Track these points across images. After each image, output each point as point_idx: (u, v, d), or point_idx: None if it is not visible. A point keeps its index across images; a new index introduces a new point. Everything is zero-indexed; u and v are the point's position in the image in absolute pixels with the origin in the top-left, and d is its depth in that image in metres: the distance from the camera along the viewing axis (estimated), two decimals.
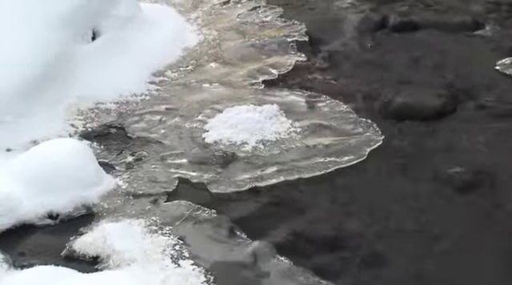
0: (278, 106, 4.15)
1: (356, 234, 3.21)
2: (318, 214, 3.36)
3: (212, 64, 4.82)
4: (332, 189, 3.55)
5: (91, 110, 4.19)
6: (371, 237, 3.19)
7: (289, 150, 3.82)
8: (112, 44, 4.68)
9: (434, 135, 3.91)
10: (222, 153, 3.81)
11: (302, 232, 3.24)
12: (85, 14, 4.58)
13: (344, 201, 3.46)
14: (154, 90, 4.48)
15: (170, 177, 3.64)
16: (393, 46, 4.92)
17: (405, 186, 3.52)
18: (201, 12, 5.61)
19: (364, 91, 4.36)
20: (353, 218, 3.32)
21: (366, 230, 3.23)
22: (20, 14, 4.28)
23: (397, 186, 3.54)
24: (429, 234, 3.19)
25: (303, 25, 5.25)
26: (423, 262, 3.03)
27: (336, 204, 3.44)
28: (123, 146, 3.89)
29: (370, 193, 3.49)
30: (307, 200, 3.46)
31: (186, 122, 4.11)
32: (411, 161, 3.71)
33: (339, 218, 3.33)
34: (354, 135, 3.93)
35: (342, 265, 3.04)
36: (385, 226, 3.26)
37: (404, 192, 3.48)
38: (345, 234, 3.22)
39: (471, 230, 3.21)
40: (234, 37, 5.19)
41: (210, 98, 4.35)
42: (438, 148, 3.80)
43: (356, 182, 3.58)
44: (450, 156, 3.72)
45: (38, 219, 3.29)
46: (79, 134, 3.96)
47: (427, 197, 3.43)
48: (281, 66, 4.73)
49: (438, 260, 3.03)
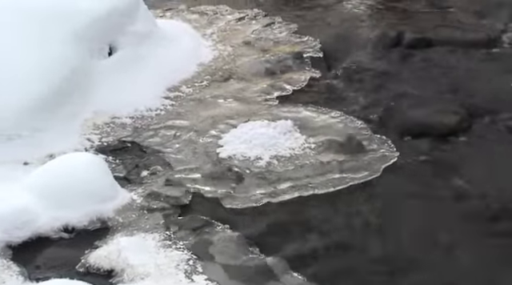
0: (292, 121, 4.17)
1: (369, 251, 3.20)
2: (332, 231, 3.35)
3: (227, 79, 4.84)
4: (346, 205, 3.54)
5: (107, 124, 4.23)
6: (384, 253, 3.18)
7: (303, 166, 3.82)
8: (128, 59, 4.72)
9: (450, 152, 3.91)
10: (235, 168, 3.82)
11: (316, 248, 3.24)
12: (102, 30, 4.64)
13: (358, 217, 3.45)
14: (169, 105, 4.51)
15: (184, 191, 3.65)
16: (408, 63, 4.93)
17: (420, 204, 3.51)
18: (216, 28, 5.66)
19: (379, 108, 4.37)
20: (366, 234, 3.32)
21: (379, 247, 3.22)
22: (38, 29, 4.33)
23: (411, 203, 3.53)
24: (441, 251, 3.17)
25: (318, 41, 5.28)
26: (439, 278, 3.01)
27: (350, 220, 3.43)
28: (138, 161, 3.92)
29: (384, 210, 3.48)
30: (321, 216, 3.46)
31: (201, 137, 4.13)
32: (426, 178, 3.70)
33: (352, 234, 3.33)
34: (369, 152, 3.93)
35: (354, 281, 3.03)
36: (398, 243, 3.25)
37: (419, 210, 3.46)
38: (358, 250, 3.21)
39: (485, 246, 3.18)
40: (248, 53, 5.22)
41: (224, 114, 4.37)
42: (453, 165, 3.79)
43: (370, 198, 3.58)
44: (465, 173, 3.71)
45: (54, 233, 3.32)
46: (95, 149, 3.99)
47: (442, 215, 3.42)
48: (295, 82, 4.75)
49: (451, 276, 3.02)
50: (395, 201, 3.55)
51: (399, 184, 3.68)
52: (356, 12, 5.96)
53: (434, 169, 3.78)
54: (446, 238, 3.26)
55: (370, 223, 3.40)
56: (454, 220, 3.38)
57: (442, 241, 3.25)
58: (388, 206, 3.51)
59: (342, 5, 6.08)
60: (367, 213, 3.48)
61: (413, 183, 3.68)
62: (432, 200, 3.53)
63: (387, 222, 3.39)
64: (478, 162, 3.81)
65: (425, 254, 3.17)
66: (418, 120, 4.18)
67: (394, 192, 3.62)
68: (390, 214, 3.45)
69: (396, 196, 3.59)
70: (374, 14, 5.97)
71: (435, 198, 3.55)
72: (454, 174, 3.72)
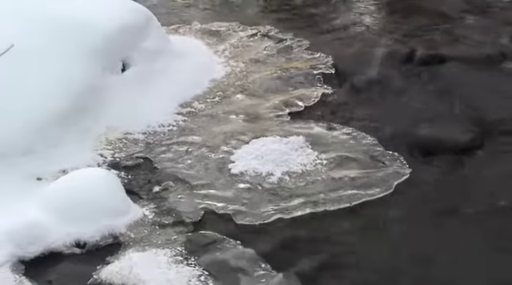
0: (303, 137, 4.17)
1: (381, 268, 3.18)
2: (344, 247, 3.34)
3: (239, 96, 4.86)
4: (358, 222, 3.53)
5: (119, 140, 4.25)
6: (397, 270, 3.16)
7: (315, 182, 3.82)
8: (141, 75, 4.76)
9: (462, 170, 3.89)
10: (247, 184, 3.82)
11: (327, 264, 3.22)
12: (115, 47, 4.68)
13: (370, 234, 3.43)
14: (181, 120, 4.53)
15: (196, 207, 3.65)
16: (420, 80, 4.92)
17: (432, 221, 3.49)
18: (228, 44, 5.69)
19: (391, 124, 4.36)
20: (378, 251, 3.30)
21: (392, 264, 3.20)
22: (52, 45, 4.37)
23: (424, 220, 3.50)
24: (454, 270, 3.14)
25: (330, 57, 5.29)
26: None
27: (362, 237, 3.42)
28: (150, 176, 3.93)
29: (397, 227, 3.47)
30: (333, 232, 3.45)
31: (213, 153, 4.14)
32: (439, 195, 3.68)
33: (365, 251, 3.31)
34: (381, 168, 3.92)
35: None
36: (411, 260, 3.23)
37: (431, 227, 3.44)
38: (370, 267, 3.19)
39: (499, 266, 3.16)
40: (260, 69, 5.24)
41: (236, 130, 4.38)
42: (466, 183, 3.77)
43: (382, 215, 3.56)
44: (477, 191, 3.69)
45: (66, 248, 3.33)
46: (107, 164, 4.00)
47: (454, 234, 3.39)
48: (307, 98, 4.76)
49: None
50: (408, 218, 3.53)
51: (412, 201, 3.66)
52: (368, 28, 5.98)
53: (447, 186, 3.76)
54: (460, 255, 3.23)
55: (382, 240, 3.38)
56: (468, 237, 3.35)
57: (456, 259, 3.22)
58: (400, 223, 3.49)
59: (354, 22, 6.10)
60: (379, 230, 3.46)
61: (425, 200, 3.66)
62: (445, 217, 3.51)
63: (399, 239, 3.37)
64: (491, 180, 3.78)
65: (439, 264, 3.15)
66: (430, 137, 4.17)
67: (406, 209, 3.60)
68: (402, 230, 3.43)
69: (408, 213, 3.57)
70: (385, 30, 5.99)
71: (448, 215, 3.52)
72: (467, 191, 3.69)
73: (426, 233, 3.40)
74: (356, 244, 3.37)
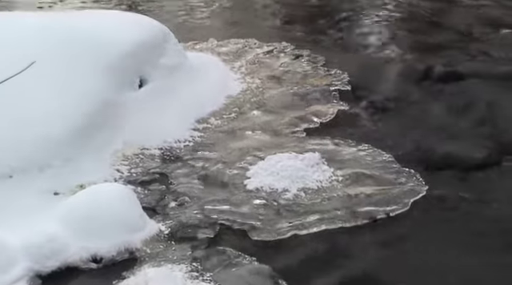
0: (319, 154, 4.17)
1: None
2: (359, 264, 3.32)
3: (255, 112, 4.88)
4: (374, 239, 3.51)
5: (136, 155, 4.27)
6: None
7: (330, 199, 3.81)
8: (158, 91, 4.79)
9: (479, 187, 3.86)
10: (263, 200, 3.82)
11: (343, 281, 3.20)
12: (133, 63, 4.73)
13: (385, 252, 3.41)
14: (198, 136, 4.55)
15: (212, 223, 3.65)
16: (437, 96, 4.91)
17: (448, 240, 3.46)
18: (244, 61, 5.72)
19: (407, 141, 4.35)
20: (393, 270, 3.28)
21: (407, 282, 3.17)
22: (71, 61, 4.42)
23: (440, 239, 3.48)
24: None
25: (346, 74, 5.30)
26: None
27: (377, 255, 3.40)
28: (166, 192, 3.94)
29: (412, 245, 3.44)
30: (348, 249, 3.43)
31: (228, 169, 4.14)
32: (455, 213, 3.66)
33: (380, 268, 3.29)
34: (397, 185, 3.90)
35: None
36: (427, 279, 3.20)
37: (447, 246, 3.41)
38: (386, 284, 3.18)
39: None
40: (276, 85, 5.27)
41: (252, 146, 4.39)
42: (483, 200, 3.74)
43: (398, 233, 3.54)
44: (495, 209, 3.66)
45: (82, 263, 3.34)
46: (124, 179, 4.02)
47: (471, 253, 3.36)
48: (323, 115, 4.77)
49: None
50: (424, 235, 3.51)
51: (428, 218, 3.64)
52: (385, 45, 5.99)
53: (464, 203, 3.74)
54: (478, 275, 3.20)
55: (398, 258, 3.36)
56: (484, 256, 3.32)
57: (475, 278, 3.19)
58: (417, 241, 3.47)
59: (371, 38, 6.12)
60: (396, 247, 3.43)
61: (442, 218, 3.63)
62: (462, 235, 3.48)
63: (416, 257, 3.35)
64: (509, 197, 3.75)
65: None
66: (447, 154, 4.15)
67: (422, 226, 3.58)
68: (418, 248, 3.41)
69: (425, 231, 3.55)
70: (402, 46, 5.99)
71: (465, 234, 3.49)
72: (484, 209, 3.67)
73: (443, 250, 3.37)
74: (372, 261, 3.34)
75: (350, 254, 3.39)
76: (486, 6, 6.90)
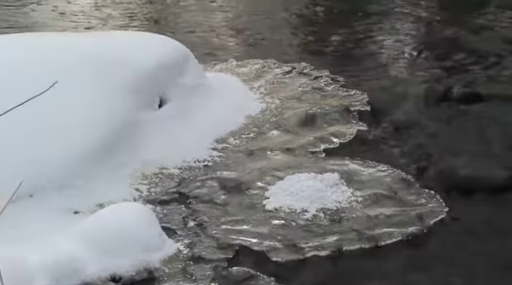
0: (338, 174, 4.16)
1: None
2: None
3: (274, 132, 4.88)
4: (393, 260, 3.48)
5: (155, 174, 4.28)
6: None
7: (350, 220, 3.79)
8: (177, 111, 4.82)
9: (501, 209, 3.82)
10: (282, 220, 3.81)
11: None
12: (153, 83, 4.77)
13: (406, 273, 3.38)
14: (217, 156, 4.55)
15: (231, 243, 3.65)
16: (457, 118, 4.89)
17: (470, 263, 3.42)
18: (264, 81, 5.74)
19: (427, 162, 4.33)
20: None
21: None
22: (92, 80, 4.47)
23: (460, 261, 3.44)
24: None
25: (365, 94, 5.30)
26: None
27: (397, 277, 3.37)
28: (185, 211, 3.94)
29: (432, 267, 3.41)
30: (367, 271, 3.41)
31: (247, 189, 4.14)
32: (476, 236, 3.62)
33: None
34: (417, 206, 3.87)
35: None
36: None
37: (469, 269, 3.37)
38: None
39: None
40: (295, 105, 5.27)
41: (271, 166, 4.39)
42: (505, 224, 3.69)
43: (418, 255, 3.51)
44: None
45: (101, 282, 3.34)
46: (143, 199, 4.03)
47: (492, 277, 3.31)
48: (342, 135, 4.76)
49: None
50: (444, 258, 3.47)
51: (448, 241, 3.60)
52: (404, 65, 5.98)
53: (485, 225, 3.69)
54: None
55: (417, 280, 3.32)
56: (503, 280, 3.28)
57: None
58: (437, 263, 3.43)
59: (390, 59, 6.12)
60: (415, 269, 3.40)
61: (462, 240, 3.59)
62: (483, 258, 3.44)
63: (435, 280, 3.31)
64: None
65: None
66: (467, 175, 4.12)
67: (442, 249, 3.54)
68: (438, 271, 3.37)
69: (445, 253, 3.51)
70: (421, 67, 5.98)
71: (486, 256, 3.45)
72: (506, 231, 3.62)
73: (462, 274, 3.33)
74: (390, 283, 3.31)
75: (368, 276, 3.36)
76: (504, 28, 6.87)
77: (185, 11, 8.13)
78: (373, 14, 7.71)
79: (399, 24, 7.36)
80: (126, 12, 8.21)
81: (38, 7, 8.47)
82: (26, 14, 8.20)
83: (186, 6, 8.35)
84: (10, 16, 8.10)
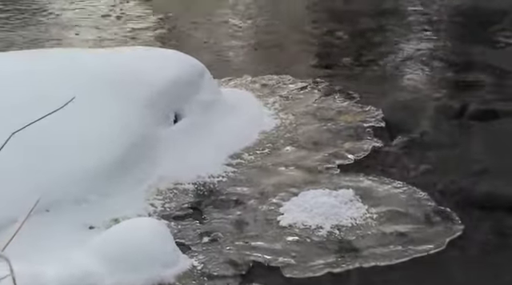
0: (353, 191, 4.14)
1: None
2: None
3: (288, 148, 4.88)
4: (409, 278, 3.45)
5: (170, 190, 4.29)
6: None
7: (364, 237, 3.77)
8: (192, 127, 4.84)
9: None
10: (296, 237, 3.80)
11: None
12: (169, 99, 4.80)
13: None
14: (231, 172, 4.56)
15: (245, 259, 3.64)
16: (472, 135, 4.86)
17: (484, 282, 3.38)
18: (278, 97, 5.75)
19: (443, 179, 4.30)
20: None
21: None
22: (109, 96, 4.50)
23: (477, 281, 3.40)
24: None
25: (380, 111, 5.29)
26: None
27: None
28: (199, 227, 3.94)
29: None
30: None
31: (262, 205, 4.14)
32: (493, 255, 3.58)
33: None
34: (433, 224, 3.85)
35: None
36: None
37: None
38: None
39: None
40: (310, 121, 5.27)
41: (285, 182, 4.39)
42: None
43: (434, 273, 3.48)
44: None
45: None
46: (158, 214, 4.04)
47: None
48: (357, 151, 4.75)
49: None
50: (459, 276, 3.44)
51: (464, 259, 3.57)
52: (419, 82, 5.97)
53: (501, 244, 3.65)
54: None
55: None
56: None
57: None
58: (452, 283, 3.40)
59: (405, 75, 6.11)
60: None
61: (478, 259, 3.56)
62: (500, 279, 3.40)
63: None
64: None
65: None
66: (484, 192, 4.09)
67: (458, 268, 3.51)
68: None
69: (461, 272, 3.47)
70: (437, 84, 5.97)
71: (503, 276, 3.41)
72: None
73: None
74: None
75: None
76: None
77: (199, 28, 8.20)
78: (388, 31, 7.73)
79: (415, 40, 7.37)
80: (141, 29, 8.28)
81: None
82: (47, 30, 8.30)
83: (200, 23, 8.42)
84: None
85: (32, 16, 8.93)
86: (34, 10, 9.26)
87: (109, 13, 9.09)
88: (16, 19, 8.74)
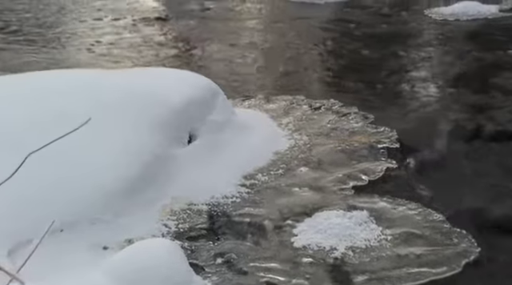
0: (368, 212, 4.12)
1: None
2: None
3: (302, 168, 4.87)
4: None
5: (184, 210, 4.29)
6: None
7: (379, 259, 3.74)
8: (206, 147, 4.85)
9: None
10: (310, 258, 3.78)
11: None
12: (183, 119, 4.82)
13: None
14: (245, 192, 4.55)
15: (258, 281, 3.62)
16: (488, 156, 4.83)
17: None
18: (292, 117, 5.76)
19: (458, 201, 4.26)
20: None
21: None
22: (123, 117, 4.53)
23: None
24: None
25: (394, 132, 5.27)
26: None
27: None
28: (213, 248, 3.93)
29: None
30: None
31: (275, 226, 4.12)
32: (510, 278, 3.53)
33: None
34: (448, 246, 3.81)
35: None
36: None
37: None
38: None
39: None
40: (324, 142, 5.26)
41: (299, 203, 4.37)
42: None
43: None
44: None
45: None
46: (171, 235, 4.04)
47: None
48: (371, 172, 4.73)
49: None
50: None
51: (480, 282, 3.52)
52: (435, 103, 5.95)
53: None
54: None
55: None
56: None
57: None
58: None
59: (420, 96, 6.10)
60: None
61: (496, 282, 3.51)
62: None
63: None
64: None
65: None
66: (500, 214, 4.05)
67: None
68: None
69: None
70: (453, 104, 5.95)
71: None
72: None
73: None
74: None
75: None
76: None
77: (212, 48, 8.25)
78: (403, 51, 7.73)
79: (431, 61, 7.37)
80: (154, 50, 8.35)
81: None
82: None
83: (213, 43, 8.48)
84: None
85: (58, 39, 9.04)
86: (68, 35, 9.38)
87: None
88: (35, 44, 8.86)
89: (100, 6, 10.94)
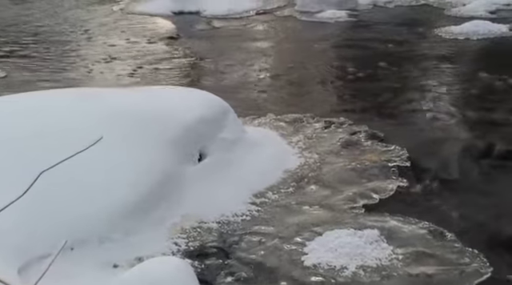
0: (378, 231, 4.10)
1: None
2: None
3: (312, 187, 4.86)
4: None
5: (194, 228, 4.29)
6: None
7: (390, 278, 3.71)
8: (217, 165, 4.85)
9: None
10: (321, 277, 3.76)
11: None
12: (194, 138, 4.83)
13: None
14: (255, 210, 4.55)
15: None
16: (499, 175, 4.81)
17: None
18: (302, 136, 5.76)
19: (470, 220, 4.24)
20: None
21: None
22: (133, 136, 4.55)
23: None
24: None
25: (405, 150, 5.26)
26: None
27: None
28: (223, 266, 3.92)
29: None
30: None
31: (286, 245, 4.11)
32: None
33: None
34: (460, 265, 3.78)
35: None
36: None
37: None
38: None
39: None
40: (334, 160, 5.25)
41: (309, 221, 4.36)
42: None
43: None
44: None
45: None
46: (182, 253, 4.03)
47: None
48: (382, 191, 4.71)
49: None
50: None
51: None
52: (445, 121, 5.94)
53: None
54: None
55: None
56: None
57: None
58: None
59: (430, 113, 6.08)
60: None
61: None
62: None
63: None
64: None
65: None
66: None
67: None
68: None
69: None
70: (462, 123, 5.93)
71: None
72: None
73: None
74: None
75: None
76: None
77: (223, 67, 8.29)
78: (413, 70, 7.74)
79: (441, 79, 7.36)
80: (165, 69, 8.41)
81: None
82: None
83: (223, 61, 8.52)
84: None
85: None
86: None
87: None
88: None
89: (122, 28, 11.05)
